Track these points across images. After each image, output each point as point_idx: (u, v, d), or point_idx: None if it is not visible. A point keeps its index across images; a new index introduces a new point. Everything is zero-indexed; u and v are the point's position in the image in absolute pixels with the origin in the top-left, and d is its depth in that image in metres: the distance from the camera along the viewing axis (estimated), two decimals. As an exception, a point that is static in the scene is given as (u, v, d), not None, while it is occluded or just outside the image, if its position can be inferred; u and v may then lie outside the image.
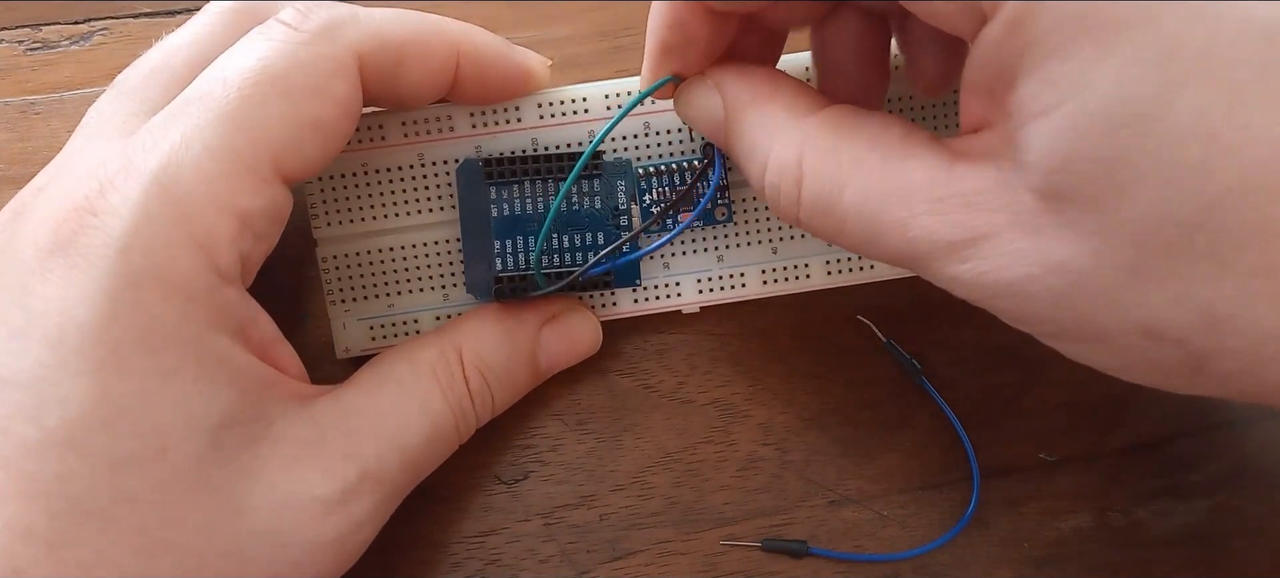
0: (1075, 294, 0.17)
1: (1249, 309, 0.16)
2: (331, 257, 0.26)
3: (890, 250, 0.19)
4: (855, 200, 0.19)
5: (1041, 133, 0.17)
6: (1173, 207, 0.16)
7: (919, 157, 0.19)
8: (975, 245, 0.18)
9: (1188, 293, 0.16)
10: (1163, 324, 0.16)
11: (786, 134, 0.20)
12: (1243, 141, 0.15)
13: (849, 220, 0.19)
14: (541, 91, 0.26)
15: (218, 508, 0.20)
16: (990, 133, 0.18)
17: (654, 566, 0.25)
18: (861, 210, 0.19)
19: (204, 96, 0.21)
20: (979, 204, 0.18)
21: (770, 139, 0.21)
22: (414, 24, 0.23)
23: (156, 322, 0.19)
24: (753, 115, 0.21)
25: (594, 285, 0.25)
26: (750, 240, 0.26)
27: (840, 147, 0.20)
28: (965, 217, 0.18)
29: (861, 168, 0.19)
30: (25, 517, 0.18)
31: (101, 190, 0.20)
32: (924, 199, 0.18)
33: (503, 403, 0.25)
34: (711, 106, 0.22)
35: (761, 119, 0.21)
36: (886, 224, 0.19)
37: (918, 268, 0.19)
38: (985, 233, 0.18)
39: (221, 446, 0.20)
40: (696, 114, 0.22)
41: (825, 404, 0.27)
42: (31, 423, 0.18)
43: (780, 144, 0.20)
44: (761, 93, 0.21)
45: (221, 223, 0.20)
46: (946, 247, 0.18)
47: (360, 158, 0.26)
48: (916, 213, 0.18)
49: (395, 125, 0.25)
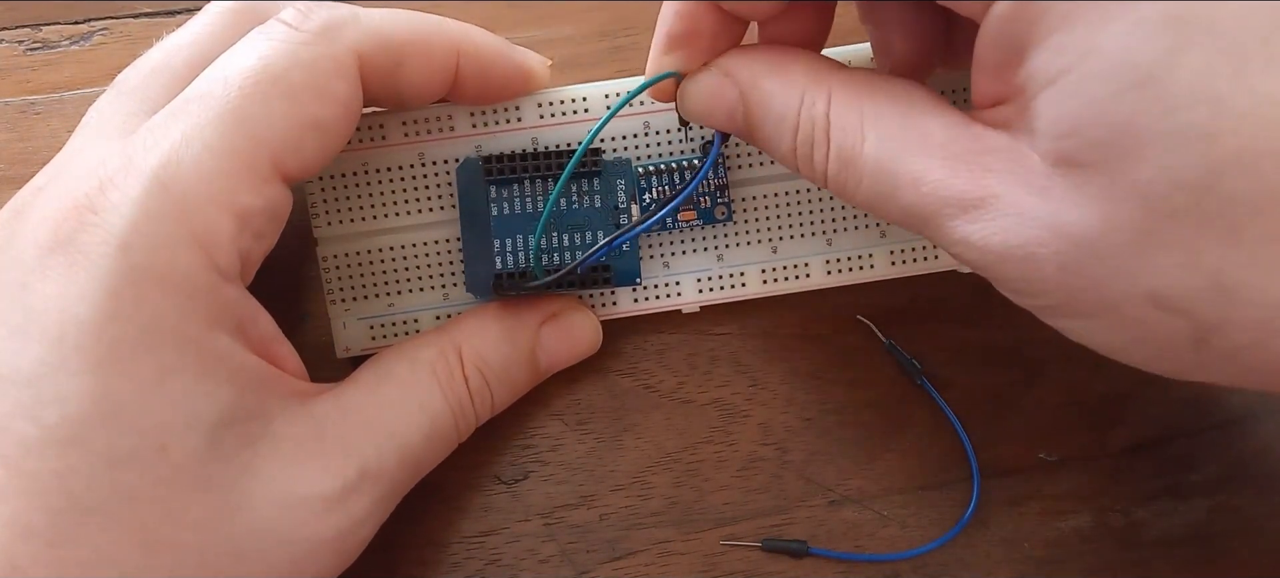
0: (1083, 259, 0.17)
1: (1258, 277, 0.16)
2: (331, 256, 0.26)
3: (903, 206, 0.19)
4: (873, 152, 0.19)
5: (1050, 100, 0.17)
6: (1180, 170, 0.16)
7: (939, 116, 0.19)
8: (985, 206, 0.18)
9: (1196, 259, 0.16)
10: (1170, 291, 0.16)
11: (814, 90, 0.20)
12: (1249, 105, 0.15)
13: (867, 173, 0.19)
14: (541, 91, 0.26)
15: (218, 506, 0.20)
16: (1004, 107, 0.18)
17: (654, 566, 0.25)
18: (879, 162, 0.19)
19: (204, 95, 0.21)
20: (991, 165, 0.18)
21: (799, 98, 0.21)
22: (414, 24, 0.23)
23: (156, 319, 0.19)
24: (774, 83, 0.21)
25: (594, 283, 0.25)
26: (750, 240, 0.26)
27: (863, 102, 0.20)
28: (978, 175, 0.18)
29: (882, 121, 0.19)
30: (25, 514, 0.18)
31: (101, 188, 0.20)
32: (941, 154, 0.19)
33: (502, 402, 0.25)
34: (723, 91, 0.22)
35: (784, 84, 0.21)
36: (902, 177, 0.19)
37: (928, 228, 0.19)
38: (995, 192, 0.18)
39: (221, 443, 0.20)
40: (706, 103, 0.22)
41: (825, 404, 0.27)
42: (31, 421, 0.18)
43: (809, 99, 0.20)
44: (778, 62, 0.21)
45: (221, 221, 0.20)
46: (958, 204, 0.18)
47: (360, 157, 0.26)
48: (932, 166, 0.19)
49: (395, 125, 0.25)
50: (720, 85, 0.22)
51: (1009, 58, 0.18)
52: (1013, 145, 0.18)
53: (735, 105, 0.22)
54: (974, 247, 0.18)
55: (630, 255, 0.26)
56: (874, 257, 0.26)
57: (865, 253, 0.26)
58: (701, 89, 0.22)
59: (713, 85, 0.22)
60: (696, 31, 0.22)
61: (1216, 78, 0.15)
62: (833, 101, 0.20)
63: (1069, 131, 0.17)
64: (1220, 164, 0.16)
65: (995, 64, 0.18)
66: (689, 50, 0.22)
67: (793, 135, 0.21)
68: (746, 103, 0.21)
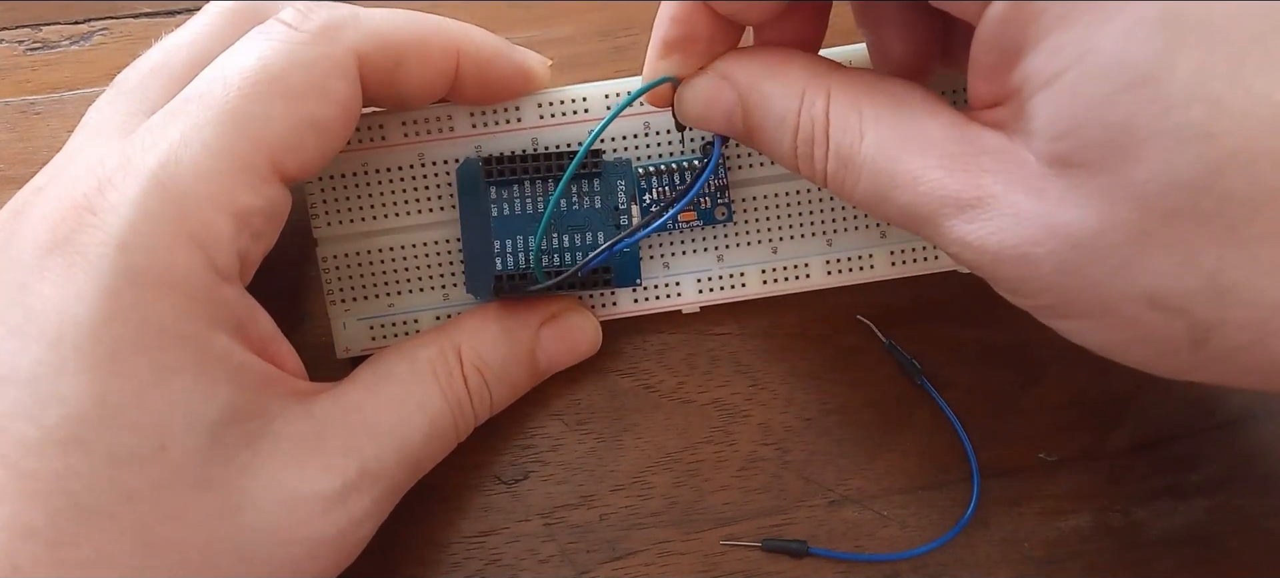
0: (1080, 259, 0.17)
1: (1256, 277, 0.16)
2: (331, 256, 0.26)
3: (900, 206, 0.19)
4: (871, 151, 0.19)
5: (1046, 101, 0.17)
6: (1177, 170, 0.16)
7: (936, 116, 0.19)
8: (982, 206, 0.18)
9: (1194, 258, 0.16)
10: (1167, 291, 0.16)
11: (813, 90, 0.20)
12: (1246, 105, 0.15)
13: (865, 172, 0.20)
14: (541, 92, 0.26)
15: (217, 505, 0.20)
16: (1001, 108, 0.18)
17: (654, 566, 0.25)
18: (877, 161, 0.19)
19: (203, 95, 0.21)
20: (988, 165, 0.18)
21: (798, 97, 0.21)
22: (414, 24, 0.23)
23: (155, 319, 0.19)
24: (774, 84, 0.21)
25: (594, 284, 0.25)
26: (750, 240, 0.26)
27: (862, 101, 0.20)
28: (975, 176, 0.18)
29: (881, 121, 0.19)
30: (25, 515, 0.18)
31: (100, 189, 0.20)
32: (938, 153, 0.19)
33: (501, 401, 0.25)
34: (720, 95, 0.22)
35: (784, 84, 0.21)
36: (900, 176, 0.19)
37: (925, 228, 0.19)
38: (992, 192, 0.18)
39: (221, 442, 0.20)
40: (704, 107, 0.22)
41: (825, 404, 0.27)
42: (31, 421, 0.18)
43: (809, 99, 0.20)
44: (776, 64, 0.21)
45: (220, 221, 0.20)
46: (955, 204, 0.18)
47: (360, 158, 0.26)
48: (929, 166, 0.19)
49: (395, 125, 0.25)
50: (718, 88, 0.22)
51: (1005, 59, 0.18)
52: (1009, 146, 0.18)
53: (733, 108, 0.22)
54: (971, 247, 0.18)
55: (631, 257, 0.26)
56: (874, 257, 0.26)
57: (865, 253, 0.26)
58: (698, 93, 0.22)
59: (710, 89, 0.22)
60: (692, 36, 0.22)
61: (1213, 77, 0.15)
62: (832, 100, 0.20)
63: (1065, 132, 0.17)
64: (1217, 163, 0.16)
65: (991, 66, 0.18)
66: (685, 55, 0.22)
67: (793, 136, 0.21)
68: (745, 105, 0.21)
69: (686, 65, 0.22)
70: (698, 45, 0.22)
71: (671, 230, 0.26)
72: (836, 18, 0.23)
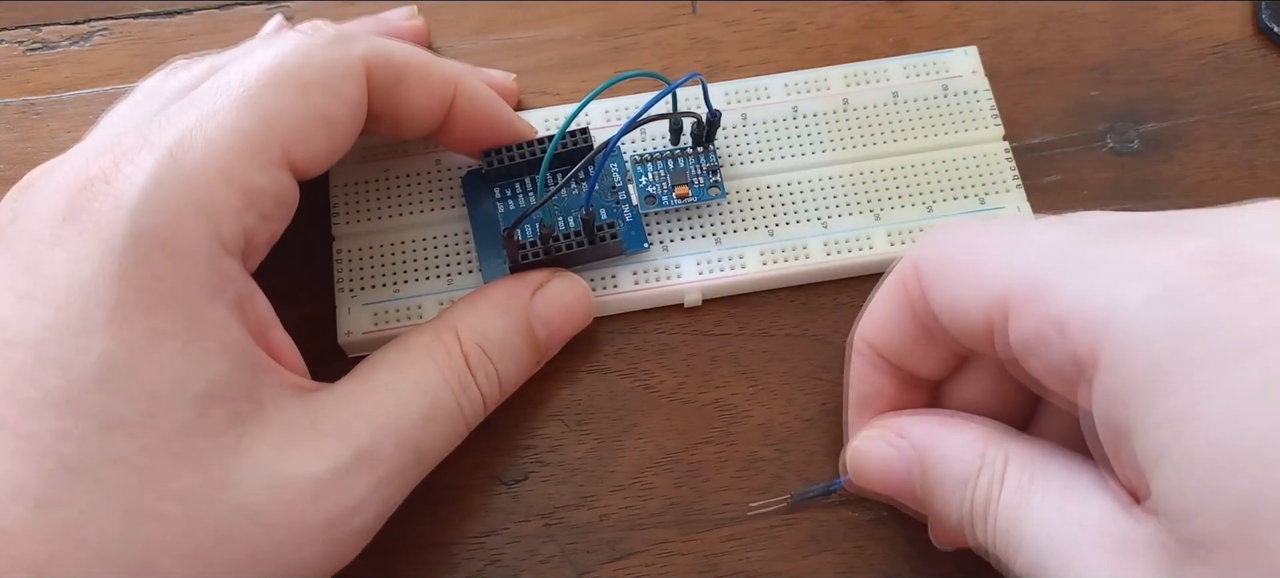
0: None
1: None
2: (346, 250, 0.27)
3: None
4: (1034, 529, 0.20)
5: (1163, 479, 0.17)
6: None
7: (1098, 500, 0.19)
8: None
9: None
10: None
11: (994, 450, 0.21)
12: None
13: (1027, 541, 0.20)
14: (547, 107, 0.28)
15: (201, 481, 0.19)
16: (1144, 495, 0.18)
17: (654, 566, 0.25)
18: (1038, 536, 0.19)
19: (222, 85, 0.22)
20: (1133, 550, 0.18)
21: (980, 456, 0.21)
22: (419, 52, 0.25)
23: (156, 281, 0.19)
24: (956, 441, 0.22)
25: (603, 242, 0.26)
26: (747, 224, 0.27)
27: (1036, 471, 0.20)
28: (1122, 565, 0.18)
29: (1049, 494, 0.20)
30: (18, 475, 0.18)
31: (116, 163, 0.20)
32: (1092, 542, 0.19)
33: (507, 374, 0.25)
34: (898, 450, 0.22)
35: (965, 443, 0.21)
36: (1057, 555, 0.19)
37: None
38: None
39: (207, 417, 0.20)
40: (881, 464, 0.23)
41: (825, 404, 0.27)
42: (33, 383, 0.19)
43: (990, 458, 0.21)
44: (954, 423, 0.22)
45: (227, 194, 0.21)
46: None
47: (382, 165, 0.28)
48: (1084, 551, 0.19)
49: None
50: (895, 446, 0.22)
51: (1118, 437, 0.18)
52: (1154, 536, 0.17)
53: (909, 466, 0.22)
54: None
55: (635, 225, 0.27)
56: (872, 238, 0.27)
57: (862, 235, 0.27)
58: (874, 451, 0.23)
59: (884, 447, 0.23)
60: (878, 393, 0.23)
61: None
62: (1011, 464, 0.20)
63: (1194, 512, 0.16)
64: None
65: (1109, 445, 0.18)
66: (876, 406, 0.23)
67: (970, 492, 0.21)
68: (925, 460, 0.22)
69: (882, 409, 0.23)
70: (883, 402, 0.23)
71: (669, 208, 0.27)
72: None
